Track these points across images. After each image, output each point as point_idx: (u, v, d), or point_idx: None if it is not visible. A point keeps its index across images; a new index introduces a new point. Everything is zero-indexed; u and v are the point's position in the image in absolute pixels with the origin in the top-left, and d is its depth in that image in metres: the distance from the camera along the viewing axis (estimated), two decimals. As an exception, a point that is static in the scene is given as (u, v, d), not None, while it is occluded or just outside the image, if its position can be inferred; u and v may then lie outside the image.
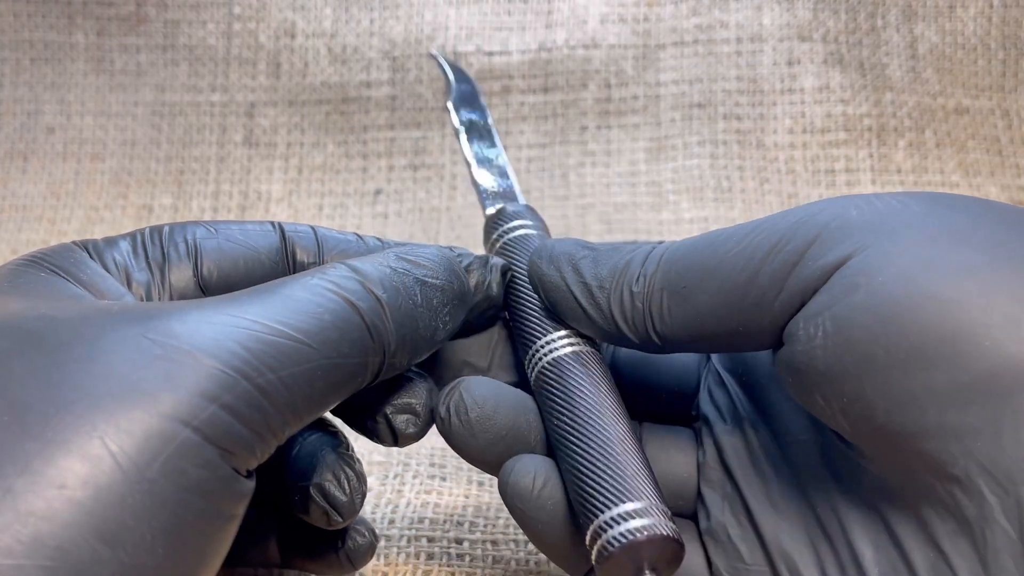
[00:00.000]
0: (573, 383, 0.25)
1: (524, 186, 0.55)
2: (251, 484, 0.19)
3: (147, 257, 0.23)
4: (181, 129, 0.56)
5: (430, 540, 0.30)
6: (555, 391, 0.25)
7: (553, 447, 0.25)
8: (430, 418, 0.25)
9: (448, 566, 0.29)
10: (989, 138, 0.55)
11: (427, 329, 0.22)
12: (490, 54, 0.55)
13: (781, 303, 0.21)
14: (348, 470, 0.24)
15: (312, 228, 0.25)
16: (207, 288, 0.23)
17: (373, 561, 0.30)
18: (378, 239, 0.26)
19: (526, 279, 0.26)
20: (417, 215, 0.55)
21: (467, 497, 0.32)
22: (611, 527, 0.22)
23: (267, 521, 0.26)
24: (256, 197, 0.55)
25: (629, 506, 0.22)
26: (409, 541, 0.30)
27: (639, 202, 0.54)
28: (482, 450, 0.25)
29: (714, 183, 0.54)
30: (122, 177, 0.55)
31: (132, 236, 0.24)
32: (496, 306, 0.26)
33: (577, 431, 0.24)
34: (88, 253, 0.23)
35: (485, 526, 0.31)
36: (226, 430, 0.18)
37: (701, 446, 0.26)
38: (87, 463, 0.16)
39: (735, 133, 0.55)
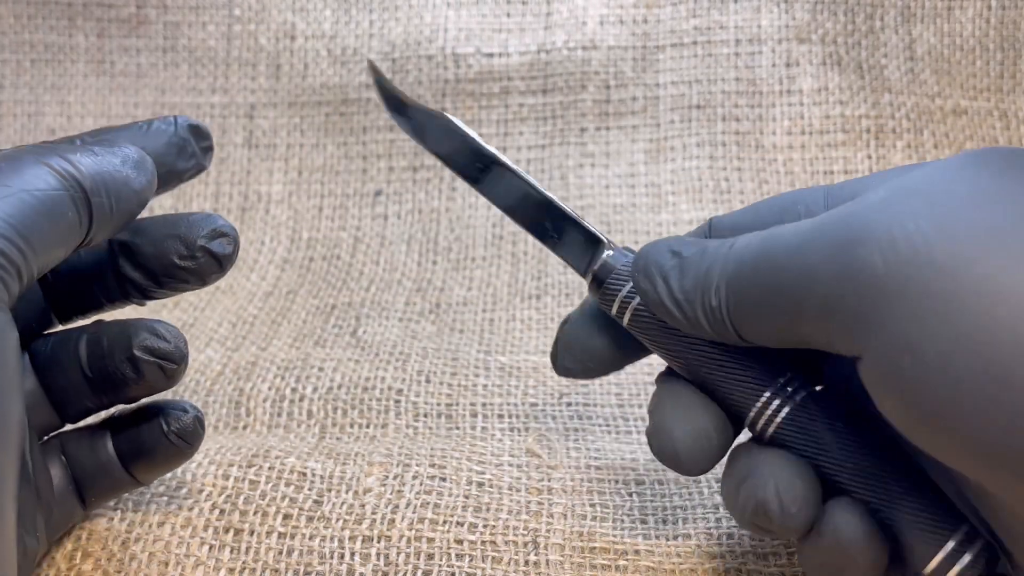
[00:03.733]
0: (831, 427, 0.26)
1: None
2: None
3: None
4: (181, 131, 0.56)
5: (430, 540, 0.31)
6: (812, 437, 0.26)
7: (843, 490, 0.26)
8: (238, 237, 0.28)
9: (448, 566, 0.30)
10: (987, 139, 0.55)
11: (119, 174, 0.25)
12: (489, 56, 0.55)
13: (835, 326, 0.23)
14: (162, 324, 0.28)
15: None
16: None
17: (373, 561, 0.30)
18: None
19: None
20: (416, 216, 0.55)
21: (467, 497, 0.32)
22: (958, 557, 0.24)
23: (104, 448, 0.29)
24: (256, 198, 0.55)
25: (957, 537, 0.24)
26: (409, 541, 0.30)
27: (638, 203, 0.54)
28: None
29: (713, 184, 0.54)
30: (122, 178, 0.55)
31: None
32: (189, 152, 0.29)
33: (875, 470, 0.26)
34: None
35: (485, 526, 0.31)
36: None
37: None
38: None
39: (734, 134, 0.55)
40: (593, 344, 0.31)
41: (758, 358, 0.27)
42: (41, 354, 0.28)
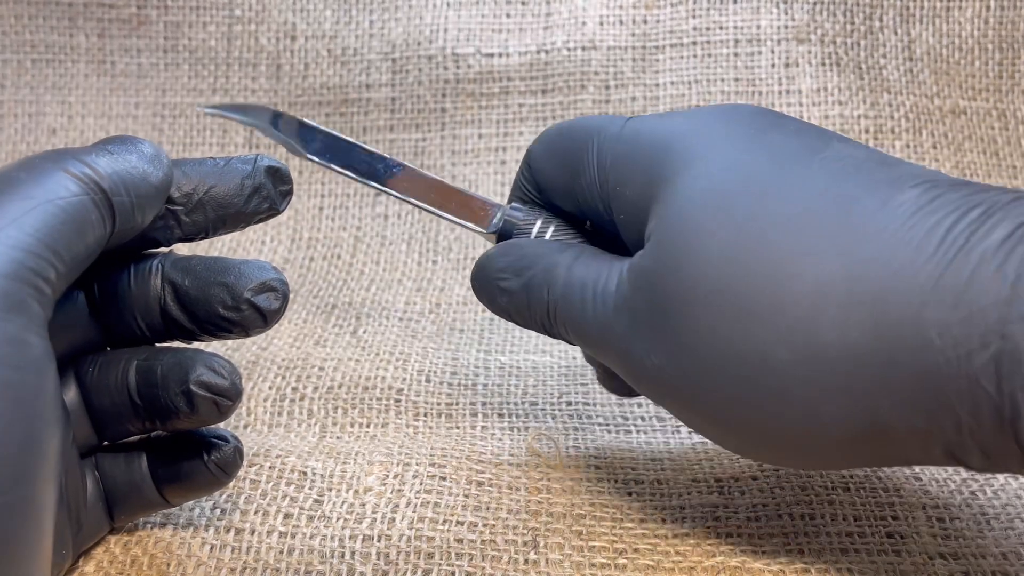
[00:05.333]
0: None
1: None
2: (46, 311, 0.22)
3: None
4: (182, 131, 0.56)
5: (430, 539, 0.31)
6: None
7: None
8: (287, 292, 0.28)
9: (448, 565, 0.30)
10: (986, 139, 0.55)
11: (136, 170, 0.25)
12: (489, 56, 0.55)
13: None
14: (218, 359, 0.27)
15: None
16: None
17: (373, 560, 0.30)
18: None
19: None
20: (417, 216, 0.55)
21: (467, 497, 0.33)
22: None
23: (139, 467, 0.29)
24: (257, 198, 0.55)
25: None
26: (409, 540, 0.31)
27: (638, 203, 0.54)
28: None
29: (712, 184, 0.54)
30: (123, 178, 0.56)
31: None
32: (263, 195, 0.28)
33: None
34: None
35: (485, 525, 0.31)
36: None
37: None
38: None
39: (733, 134, 0.55)
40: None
41: None
42: (88, 374, 0.28)
